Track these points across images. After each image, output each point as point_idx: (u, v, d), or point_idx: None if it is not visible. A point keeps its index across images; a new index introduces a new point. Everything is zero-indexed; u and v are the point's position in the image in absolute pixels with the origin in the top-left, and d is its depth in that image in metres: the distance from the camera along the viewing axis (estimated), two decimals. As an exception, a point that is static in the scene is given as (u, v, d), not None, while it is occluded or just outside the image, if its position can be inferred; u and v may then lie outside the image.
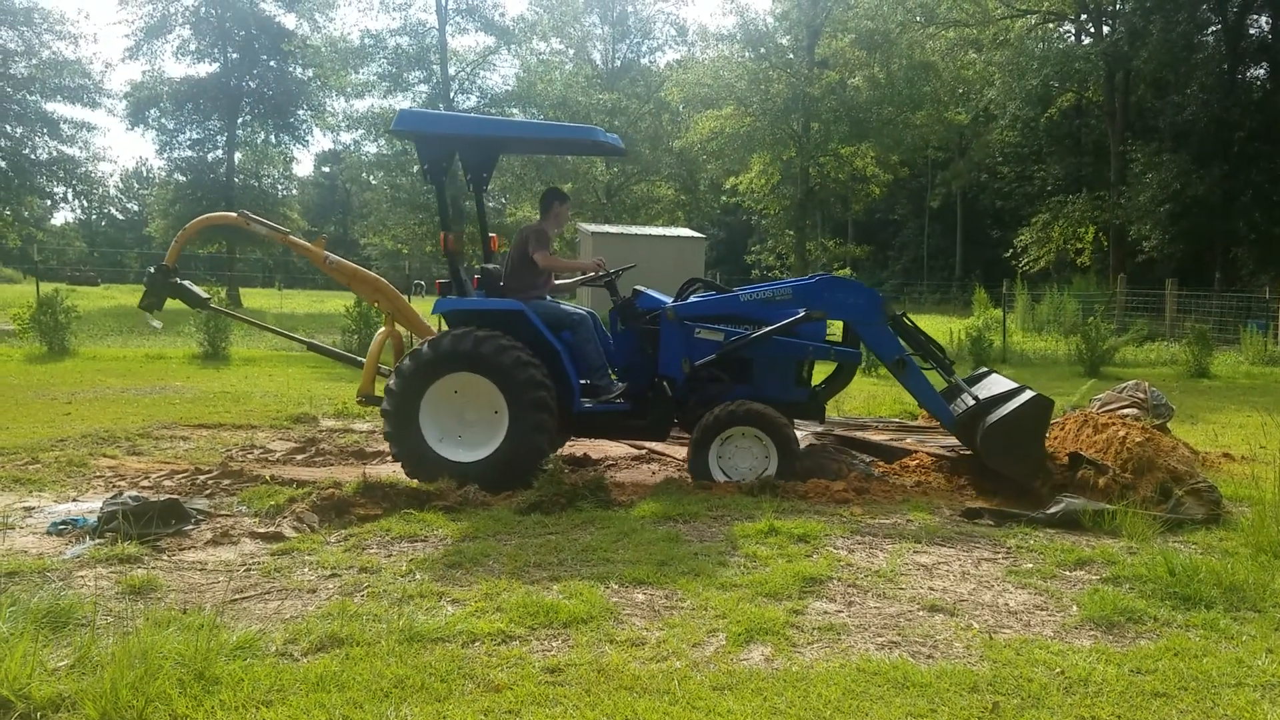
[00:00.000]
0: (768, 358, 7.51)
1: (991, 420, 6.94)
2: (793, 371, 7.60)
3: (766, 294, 7.57)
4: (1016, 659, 4.00)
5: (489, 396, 7.07)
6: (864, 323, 7.47)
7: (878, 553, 5.54)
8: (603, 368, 7.61)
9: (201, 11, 40.77)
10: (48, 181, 30.69)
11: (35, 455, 8.02)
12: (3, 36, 29.52)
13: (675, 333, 7.53)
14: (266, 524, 5.98)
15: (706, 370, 7.43)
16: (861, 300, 7.48)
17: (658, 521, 6.06)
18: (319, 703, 3.44)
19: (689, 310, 7.61)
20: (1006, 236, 40.24)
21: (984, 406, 7.13)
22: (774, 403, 7.29)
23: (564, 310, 7.69)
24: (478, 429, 7.17)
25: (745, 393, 7.40)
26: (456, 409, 7.19)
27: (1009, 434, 6.86)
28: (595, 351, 7.58)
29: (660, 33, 52.39)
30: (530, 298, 7.60)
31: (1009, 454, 6.93)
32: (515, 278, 7.72)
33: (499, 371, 6.97)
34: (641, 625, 4.33)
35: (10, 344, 18.18)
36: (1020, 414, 6.88)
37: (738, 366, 7.54)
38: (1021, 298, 29.22)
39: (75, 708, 3.32)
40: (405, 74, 34.22)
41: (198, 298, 8.68)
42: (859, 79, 28.77)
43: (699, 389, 7.46)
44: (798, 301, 7.45)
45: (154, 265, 8.66)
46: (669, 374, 7.49)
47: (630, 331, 7.73)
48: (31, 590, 4.41)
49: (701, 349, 7.46)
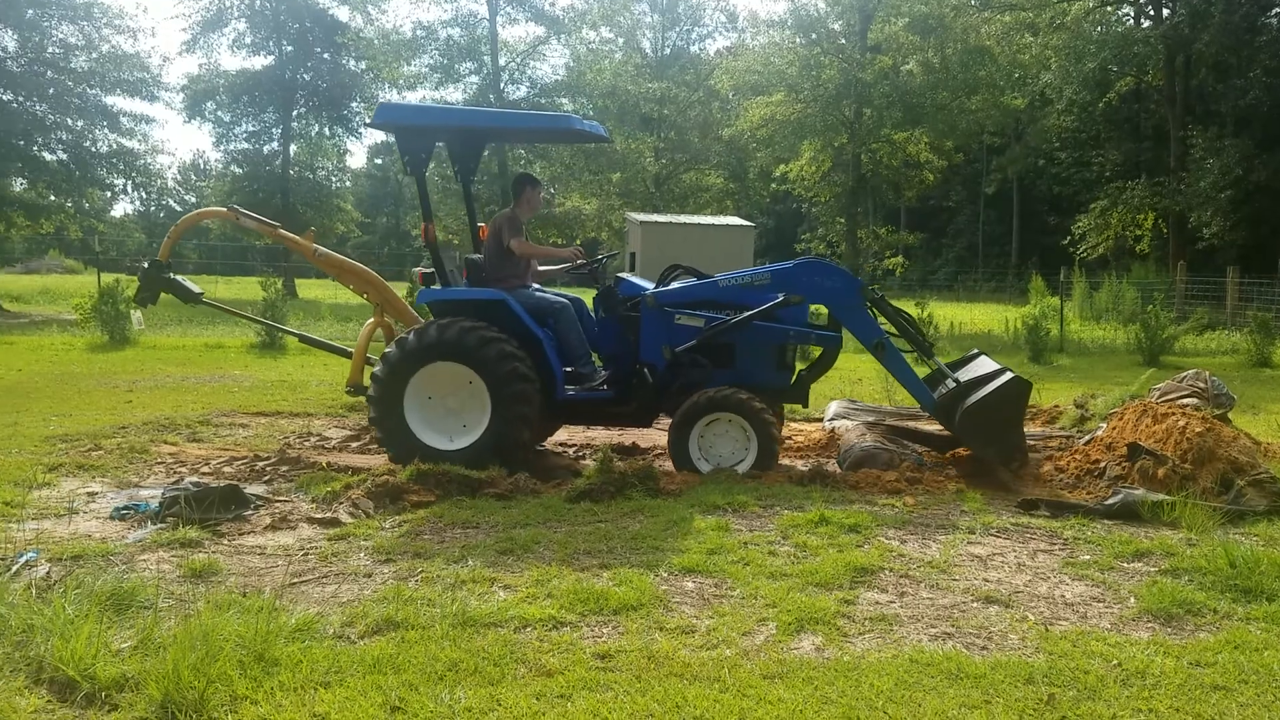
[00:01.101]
0: (749, 343, 7.49)
1: (969, 403, 6.94)
2: (775, 356, 7.58)
3: (745, 279, 7.56)
4: (1073, 651, 3.95)
5: (472, 386, 7.18)
6: (842, 306, 7.48)
7: (931, 543, 5.50)
8: (585, 355, 7.67)
9: (257, 5, 41.37)
10: (108, 174, 31.29)
11: (98, 442, 8.22)
12: (64, 31, 30.14)
13: (655, 319, 7.54)
14: (323, 510, 6.09)
15: (687, 356, 7.44)
16: (839, 283, 7.48)
17: (707, 510, 6.07)
18: (375, 684, 3.51)
19: (669, 297, 7.62)
20: (1064, 223, 39.48)
21: (964, 389, 7.12)
22: (757, 387, 7.30)
23: (546, 298, 7.74)
24: (460, 418, 7.28)
25: (728, 378, 7.39)
26: (440, 398, 7.31)
27: (986, 416, 6.89)
28: (578, 339, 7.64)
29: (710, 20, 52.30)
30: (513, 286, 7.66)
31: (986, 436, 6.97)
32: (495, 267, 7.76)
33: (481, 362, 7.06)
34: (691, 613, 4.34)
35: (73, 333, 18.64)
36: (997, 396, 6.89)
37: (719, 352, 7.53)
38: (1079, 286, 28.67)
39: (138, 688, 3.40)
40: (456, 65, 34.42)
41: (190, 292, 8.83)
42: (913, 64, 28.33)
43: (681, 375, 7.47)
44: (776, 286, 7.44)
45: (148, 260, 8.86)
46: (650, 360, 7.51)
47: (612, 318, 7.76)
48: (96, 573, 4.52)
49: (682, 335, 7.47)
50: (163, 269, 8.66)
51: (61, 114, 29.85)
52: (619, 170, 37.25)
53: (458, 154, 8.11)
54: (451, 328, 7.14)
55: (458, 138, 8.03)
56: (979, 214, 59.45)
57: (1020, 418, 7.13)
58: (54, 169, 29.73)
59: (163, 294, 8.85)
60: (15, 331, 19.44)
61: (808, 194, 34.53)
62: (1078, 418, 9.06)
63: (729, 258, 20.29)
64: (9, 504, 6.05)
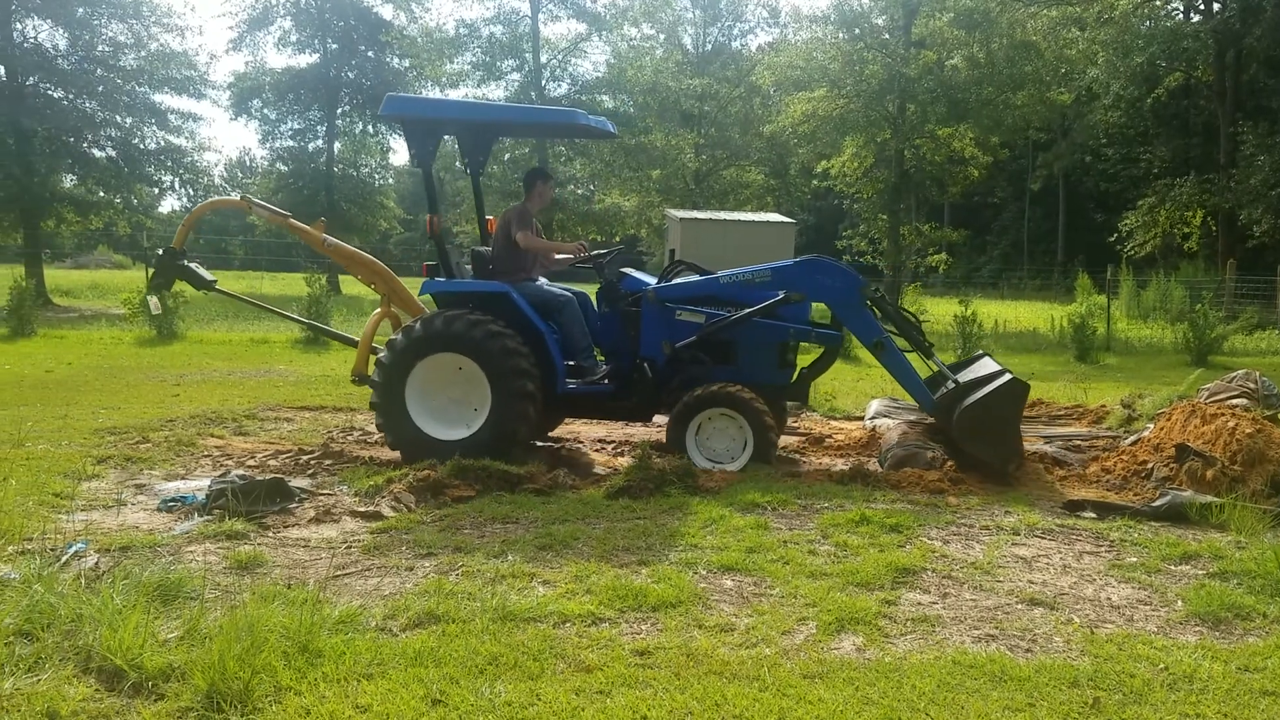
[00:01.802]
0: (750, 340, 7.51)
1: (967, 403, 6.90)
2: (775, 354, 7.59)
3: (746, 276, 7.57)
4: (1119, 654, 3.89)
5: (473, 377, 7.24)
6: (842, 305, 7.48)
7: (974, 544, 5.44)
8: (588, 349, 7.71)
9: (302, 3, 41.84)
10: (156, 170, 31.75)
11: (146, 434, 8.35)
12: (114, 29, 30.60)
13: (656, 315, 7.58)
14: (366, 503, 6.15)
15: (688, 352, 7.47)
16: (840, 282, 7.45)
17: (746, 508, 6.05)
18: (417, 676, 3.53)
19: (670, 293, 7.64)
20: (1111, 220, 38.88)
21: (963, 390, 7.09)
22: (757, 385, 7.31)
23: (549, 292, 7.79)
24: (461, 409, 7.35)
25: (728, 375, 7.41)
26: (442, 388, 7.38)
27: (984, 417, 6.85)
28: (580, 333, 7.67)
29: (752, 15, 51.98)
30: (519, 279, 7.70)
31: (983, 438, 6.90)
32: (502, 260, 7.81)
33: (483, 354, 7.13)
34: (730, 611, 4.33)
35: (121, 328, 18.98)
36: (994, 397, 6.85)
37: (720, 349, 7.56)
38: (1126, 284, 28.23)
39: (185, 678, 3.45)
40: (498, 63, 34.58)
41: (203, 280, 8.98)
42: (958, 59, 27.98)
43: (681, 370, 7.50)
44: (777, 284, 7.46)
45: (162, 248, 9.02)
46: (650, 355, 7.54)
47: (614, 313, 7.80)
48: (143, 564, 4.59)
49: (682, 331, 7.51)
50: (177, 256, 8.82)
51: (111, 111, 30.35)
52: (659, 167, 37.19)
53: (467, 147, 8.20)
54: (454, 319, 7.23)
55: (465, 131, 8.14)
56: (1024, 211, 58.76)
57: (1018, 419, 7.09)
58: (103, 165, 30.24)
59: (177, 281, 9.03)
60: (65, 325, 19.83)
61: (849, 190, 34.24)
62: (1125, 418, 8.93)
63: (769, 254, 20.09)
64: (59, 495, 6.17)
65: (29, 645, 3.63)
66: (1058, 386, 12.50)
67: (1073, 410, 9.85)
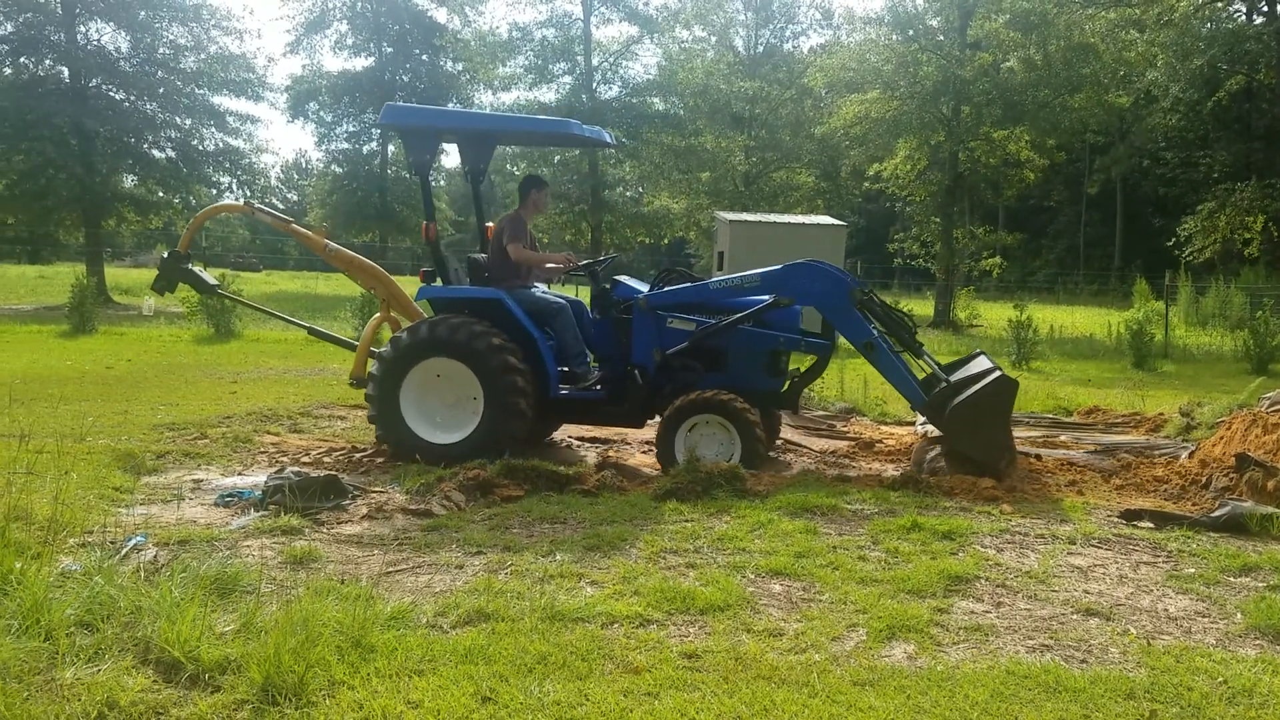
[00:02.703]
0: (740, 347, 7.58)
1: (956, 402, 6.92)
2: (766, 361, 7.66)
3: (736, 282, 7.63)
4: (1176, 666, 3.81)
5: (466, 382, 7.34)
6: (831, 308, 7.48)
7: (1029, 553, 5.36)
8: (581, 355, 7.78)
9: (358, 7, 42.43)
10: (214, 171, 32.29)
11: (204, 431, 8.51)
12: (174, 32, 31.18)
13: (647, 322, 7.62)
14: (417, 501, 6.21)
15: (679, 359, 7.53)
16: (828, 285, 7.45)
17: (794, 513, 6.01)
18: (467, 674, 3.56)
19: (661, 299, 7.68)
20: (1169, 225, 38.12)
21: (953, 389, 7.09)
22: (748, 392, 7.36)
23: (543, 298, 7.86)
24: (455, 413, 7.45)
25: (719, 381, 7.47)
26: (436, 393, 7.49)
27: (973, 416, 6.87)
28: (573, 339, 7.76)
29: (805, 17, 51.59)
30: (513, 286, 7.77)
31: (973, 436, 6.94)
32: (497, 268, 7.88)
33: (474, 357, 7.23)
34: (779, 616, 4.31)
35: (180, 326, 19.36)
36: (982, 396, 6.86)
37: (711, 356, 7.62)
38: (1185, 290, 27.65)
39: (241, 670, 3.51)
40: (550, 66, 34.72)
41: (206, 284, 9.17)
42: (1014, 60, 27.51)
43: (673, 377, 7.56)
44: (766, 289, 7.49)
45: (168, 250, 9.21)
46: (641, 362, 7.59)
47: (607, 320, 7.87)
48: (201, 558, 4.66)
49: (673, 338, 7.56)
50: (181, 259, 9.02)
51: (171, 113, 30.94)
52: (709, 169, 37.10)
53: (468, 156, 8.30)
54: (448, 324, 7.35)
55: (462, 139, 8.26)
56: (1081, 214, 57.80)
57: (1007, 417, 7.11)
58: (163, 166, 30.85)
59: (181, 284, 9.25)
60: (125, 323, 20.26)
61: (902, 193, 33.84)
62: (1183, 426, 8.74)
63: (820, 257, 19.90)
64: (119, 489, 6.31)
65: (89, 636, 3.71)
66: (1115, 394, 12.27)
67: (1130, 418, 9.67)
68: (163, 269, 9.07)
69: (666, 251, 44.53)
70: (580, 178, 33.92)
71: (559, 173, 34.80)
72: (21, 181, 27.98)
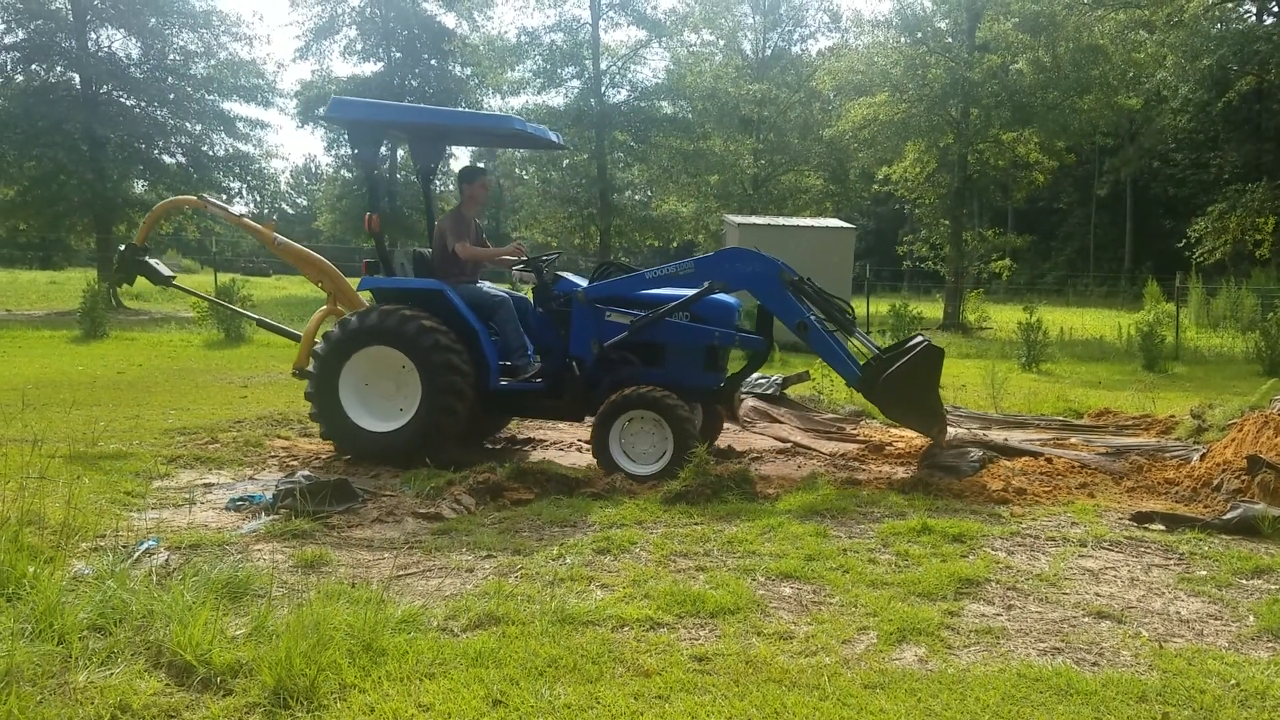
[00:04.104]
0: (677, 343, 7.68)
1: (885, 375, 7.06)
2: (702, 357, 7.74)
3: (671, 270, 7.71)
4: (1188, 669, 3.80)
5: (405, 372, 7.44)
6: (764, 291, 7.56)
7: (1039, 555, 5.34)
8: (521, 348, 7.84)
9: (367, 12, 42.48)
10: (224, 177, 32.36)
11: (215, 435, 8.53)
12: (184, 38, 31.32)
13: (586, 315, 7.71)
14: (427, 505, 6.23)
15: (616, 352, 7.63)
16: (758, 268, 7.54)
17: (804, 516, 6.01)
18: (478, 677, 3.56)
19: (598, 292, 7.75)
20: (1179, 227, 37.99)
21: (882, 363, 7.23)
22: (684, 387, 7.49)
23: (485, 292, 7.96)
24: (394, 402, 7.54)
25: (656, 376, 7.57)
26: (375, 382, 7.59)
27: (901, 386, 7.04)
28: (514, 332, 7.83)
29: (813, 20, 51.61)
30: (459, 282, 7.88)
31: (904, 406, 7.18)
32: (441, 265, 8.00)
33: (411, 345, 7.32)
34: (789, 619, 4.31)
35: (190, 330, 19.42)
36: (909, 365, 7.02)
37: (648, 351, 7.72)
38: (1196, 291, 27.54)
39: (252, 674, 3.52)
40: (559, 70, 34.74)
41: (161, 275, 9.34)
42: (1022, 63, 27.44)
43: (611, 371, 7.66)
44: (700, 275, 7.57)
45: (124, 244, 9.43)
46: (580, 355, 7.69)
47: (548, 313, 7.96)
48: (212, 562, 4.68)
49: (612, 331, 7.66)
50: (138, 252, 9.23)
51: (181, 118, 31.06)
52: (717, 172, 37.05)
53: (418, 154, 8.45)
54: (388, 314, 7.43)
55: (407, 135, 8.41)
56: (1090, 216, 57.67)
57: (934, 385, 7.29)
58: (173, 171, 30.94)
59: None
60: (136, 328, 20.33)
61: (911, 195, 33.83)
62: (1194, 428, 8.70)
63: (829, 260, 19.98)
64: (130, 494, 6.33)
65: (102, 640, 3.72)
66: (1125, 395, 12.23)
67: (1141, 420, 9.63)
68: (120, 261, 9.30)
69: (676, 255, 44.51)
70: (589, 181, 33.91)
71: (568, 176, 34.80)
72: (33, 187, 28.14)
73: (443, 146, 8.94)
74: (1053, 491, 6.79)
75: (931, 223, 33.33)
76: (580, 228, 35.03)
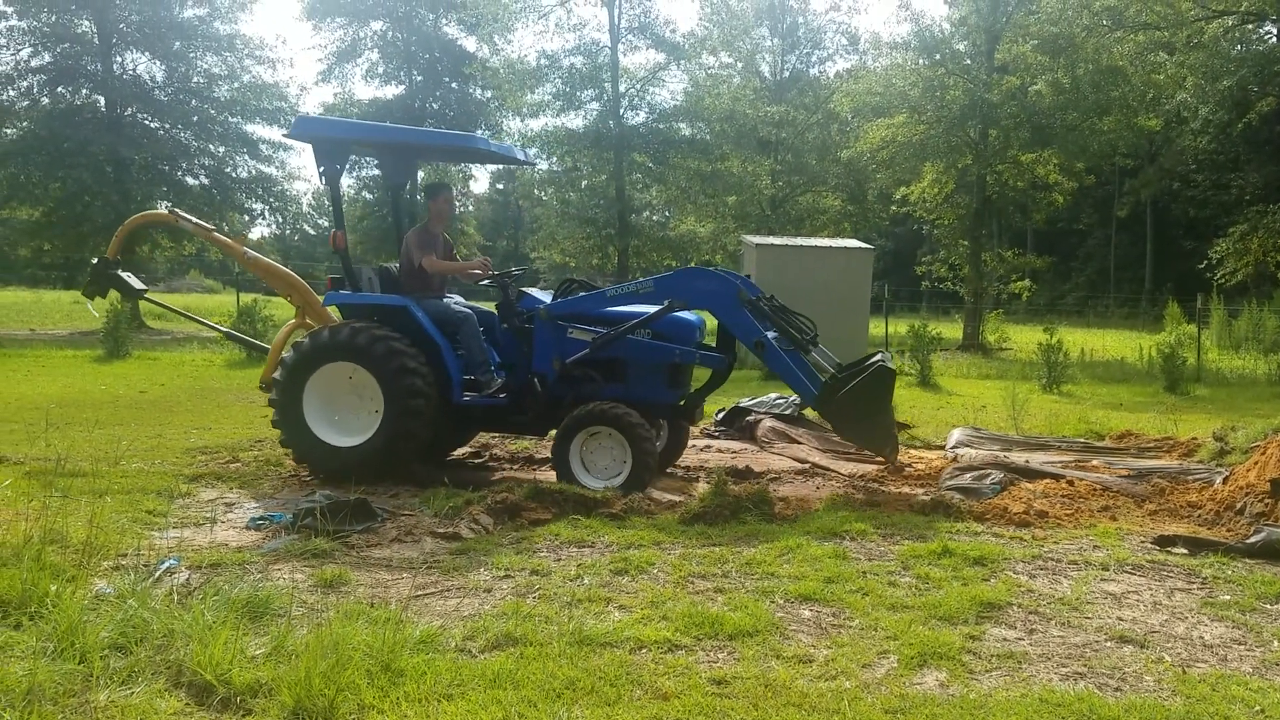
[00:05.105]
0: (638, 359, 7.74)
1: (839, 395, 7.16)
2: (665, 374, 7.81)
3: (631, 289, 7.85)
4: (1212, 695, 3.76)
5: (368, 387, 7.50)
6: (721, 309, 7.65)
7: (1061, 579, 5.30)
8: (485, 363, 7.90)
9: (389, 36, 42.93)
10: (247, 198, 32.73)
11: (236, 454, 8.58)
12: (208, 61, 31.76)
13: (548, 332, 7.78)
14: (445, 524, 6.23)
15: (578, 369, 7.68)
16: (716, 286, 7.66)
17: (824, 537, 5.99)
18: (496, 699, 3.56)
19: (561, 310, 7.84)
20: (1200, 248, 37.74)
21: (839, 382, 7.31)
22: (646, 404, 7.57)
23: (450, 307, 8.02)
24: (357, 417, 7.59)
25: (617, 393, 7.63)
26: (339, 397, 7.64)
27: (854, 406, 7.14)
28: (478, 347, 7.89)
29: (831, 42, 51.72)
30: (425, 297, 7.96)
31: (856, 425, 7.29)
32: (409, 280, 8.09)
33: (373, 361, 7.40)
34: (809, 642, 4.28)
35: (213, 350, 19.56)
36: (862, 387, 7.11)
37: (610, 367, 7.77)
38: (1217, 313, 27.32)
39: (272, 694, 3.53)
40: (578, 93, 34.94)
41: (133, 289, 9.46)
42: (1041, 84, 27.43)
43: (574, 387, 7.71)
44: (660, 293, 7.66)
45: (96, 257, 9.49)
46: (542, 371, 7.75)
47: (512, 329, 8.02)
48: (233, 581, 4.70)
49: (574, 348, 7.72)
50: (110, 265, 9.33)
51: (205, 141, 31.45)
52: (735, 193, 37.12)
53: (387, 170, 8.55)
54: (349, 329, 7.53)
55: (372, 152, 8.45)
56: (1110, 237, 57.40)
57: (887, 406, 7.42)
58: (197, 193, 31.28)
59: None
60: (159, 348, 20.50)
61: (929, 216, 33.78)
62: (1217, 451, 8.63)
63: (847, 280, 19.92)
64: (152, 513, 6.38)
65: (123, 659, 3.75)
66: (1147, 418, 12.14)
67: (1163, 442, 9.56)
68: (93, 275, 9.40)
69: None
70: (607, 202, 34.05)
71: (586, 197, 34.94)
72: (58, 208, 28.50)
73: (413, 164, 9.08)
74: (1074, 514, 6.74)
75: (950, 243, 33.25)
76: (599, 248, 35.12)
